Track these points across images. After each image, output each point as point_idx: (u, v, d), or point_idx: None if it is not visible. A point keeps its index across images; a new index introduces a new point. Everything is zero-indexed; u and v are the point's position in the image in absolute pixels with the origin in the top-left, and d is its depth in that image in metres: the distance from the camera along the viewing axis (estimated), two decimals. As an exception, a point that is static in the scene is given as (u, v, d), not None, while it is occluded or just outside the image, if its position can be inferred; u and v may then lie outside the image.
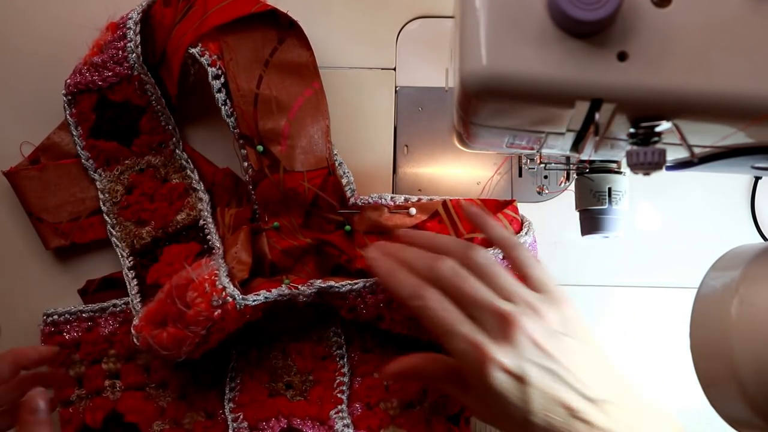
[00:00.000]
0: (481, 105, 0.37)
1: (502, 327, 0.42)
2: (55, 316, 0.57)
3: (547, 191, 0.60)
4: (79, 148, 0.58)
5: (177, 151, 0.59)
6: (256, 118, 0.55)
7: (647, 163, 0.36)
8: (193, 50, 0.55)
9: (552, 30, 0.35)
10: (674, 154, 0.39)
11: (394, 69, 0.62)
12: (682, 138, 0.36)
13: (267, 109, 0.55)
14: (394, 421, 0.54)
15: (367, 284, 0.53)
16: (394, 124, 0.62)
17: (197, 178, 0.58)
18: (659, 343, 0.59)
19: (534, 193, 0.61)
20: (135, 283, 0.56)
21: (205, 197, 0.58)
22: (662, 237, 0.61)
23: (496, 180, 0.61)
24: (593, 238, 0.54)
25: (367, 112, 0.61)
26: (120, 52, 0.56)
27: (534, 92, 0.35)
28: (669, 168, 0.41)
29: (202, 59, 0.55)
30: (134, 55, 0.56)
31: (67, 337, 0.57)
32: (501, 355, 0.42)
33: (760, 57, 0.34)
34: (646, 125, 0.36)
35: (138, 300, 0.56)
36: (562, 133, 0.40)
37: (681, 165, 0.41)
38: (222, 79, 0.55)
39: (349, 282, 0.53)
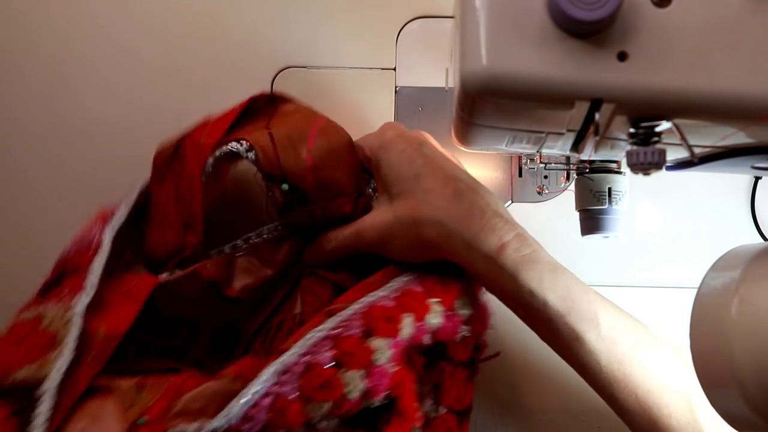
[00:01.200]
0: (481, 105, 0.37)
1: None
2: None
3: (547, 191, 0.60)
4: None
5: None
6: (276, 153, 0.51)
7: (647, 163, 0.36)
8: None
9: (552, 30, 0.35)
10: (674, 154, 0.39)
11: (394, 69, 0.63)
12: (682, 138, 0.36)
13: (284, 145, 0.51)
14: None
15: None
16: (394, 124, 0.62)
17: None
18: (659, 343, 0.59)
19: (534, 193, 0.61)
20: None
21: None
22: (662, 237, 0.61)
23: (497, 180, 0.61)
24: (593, 238, 0.54)
25: (367, 112, 0.61)
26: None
27: (534, 92, 0.35)
28: (669, 168, 0.41)
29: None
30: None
31: None
32: None
33: (760, 57, 0.34)
34: (646, 125, 0.36)
35: None
36: (562, 133, 0.40)
37: (681, 165, 0.41)
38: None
39: None
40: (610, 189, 0.52)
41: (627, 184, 0.53)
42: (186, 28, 0.63)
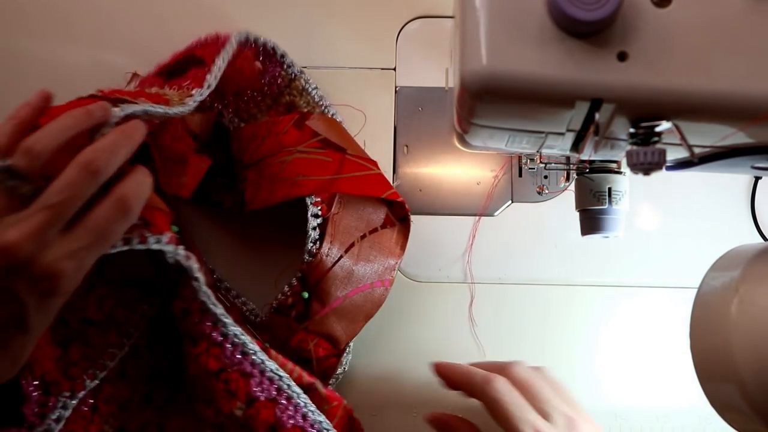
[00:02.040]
0: (481, 105, 0.37)
1: (569, 426, 0.48)
2: None
3: (547, 191, 0.60)
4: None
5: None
6: (326, 277, 0.55)
7: (647, 163, 0.36)
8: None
9: (552, 30, 0.35)
10: (674, 154, 0.39)
11: (394, 69, 0.62)
12: (682, 138, 0.36)
13: (343, 278, 0.55)
14: None
15: None
16: (394, 124, 0.62)
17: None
18: (659, 343, 0.59)
19: (534, 193, 0.61)
20: None
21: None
22: (662, 237, 0.61)
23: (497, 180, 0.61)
24: (593, 238, 0.54)
25: (367, 112, 0.61)
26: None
27: (534, 92, 0.35)
28: (669, 168, 0.41)
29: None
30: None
31: None
32: None
33: (760, 57, 0.34)
34: (646, 125, 0.36)
35: None
36: (562, 133, 0.40)
37: (681, 165, 0.41)
38: (319, 221, 0.55)
39: None
40: (610, 189, 0.52)
41: (627, 184, 0.53)
42: (187, 28, 0.62)
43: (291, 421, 0.49)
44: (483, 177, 0.61)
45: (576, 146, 0.41)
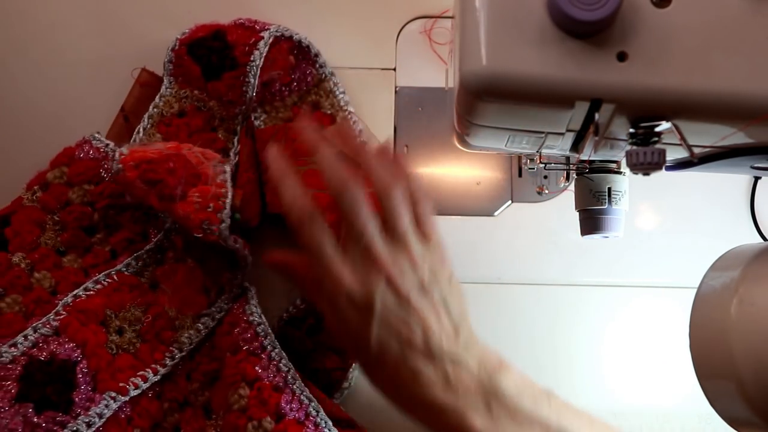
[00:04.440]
0: (481, 105, 0.37)
1: (368, 268, 0.43)
2: None
3: (547, 191, 0.60)
4: (169, 51, 0.59)
5: (238, 119, 0.59)
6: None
7: (647, 163, 0.36)
8: None
9: (552, 30, 0.35)
10: (674, 154, 0.39)
11: (394, 69, 0.63)
12: (682, 138, 0.36)
13: None
14: None
15: None
16: (394, 124, 0.62)
17: (236, 152, 0.58)
18: (659, 343, 0.59)
19: (534, 193, 0.61)
20: None
21: (229, 173, 0.56)
22: (662, 237, 0.61)
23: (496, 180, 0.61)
24: (593, 238, 0.54)
25: (367, 112, 0.61)
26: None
27: (534, 92, 0.35)
28: (669, 168, 0.41)
29: None
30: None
31: None
32: (353, 288, 0.43)
33: (760, 57, 0.34)
34: (645, 125, 0.36)
35: None
36: (562, 133, 0.40)
37: (681, 165, 0.41)
38: None
39: None
40: (609, 189, 0.52)
41: (627, 184, 0.53)
42: (189, 25, 0.63)
43: None
44: (483, 177, 0.61)
45: (576, 146, 0.41)
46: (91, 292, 0.52)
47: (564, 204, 0.60)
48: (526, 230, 0.61)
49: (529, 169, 0.60)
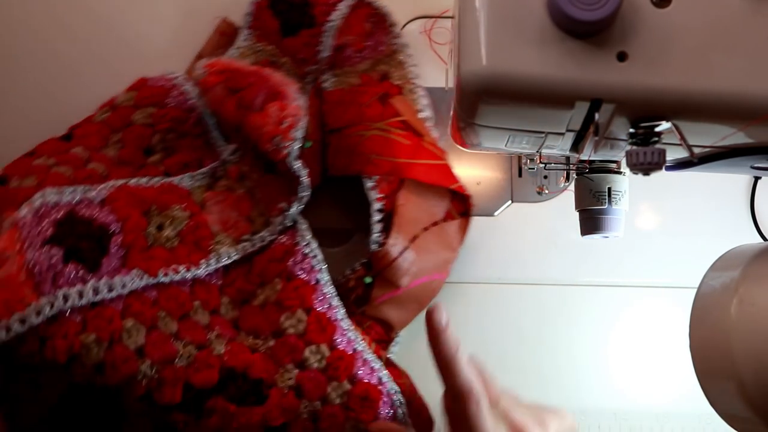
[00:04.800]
0: (481, 105, 0.37)
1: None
2: None
3: (547, 191, 0.60)
4: (251, 3, 0.60)
5: (308, 77, 0.60)
6: (391, 267, 0.55)
7: (647, 163, 0.36)
8: (368, 182, 0.56)
9: (552, 30, 0.35)
10: (674, 154, 0.39)
11: (394, 69, 0.62)
12: (682, 138, 0.36)
13: (406, 269, 0.55)
14: None
15: None
16: (394, 124, 0.62)
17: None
18: (659, 343, 0.59)
19: (534, 193, 0.61)
20: None
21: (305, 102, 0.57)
22: (662, 237, 0.61)
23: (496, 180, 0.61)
24: (593, 238, 0.54)
25: (367, 112, 0.61)
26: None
27: (534, 92, 0.35)
28: (669, 168, 0.41)
29: (370, 189, 0.56)
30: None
31: None
32: None
33: (760, 57, 0.34)
34: (645, 125, 0.36)
35: None
36: (562, 133, 0.40)
37: (681, 165, 0.41)
38: (382, 215, 0.55)
39: None
40: (609, 189, 0.52)
41: (627, 184, 0.53)
42: (189, 28, 0.63)
43: (366, 379, 0.51)
44: (483, 177, 0.61)
45: (576, 146, 0.41)
46: (142, 185, 0.52)
47: (564, 204, 0.60)
48: (526, 230, 0.61)
49: (529, 169, 0.60)
